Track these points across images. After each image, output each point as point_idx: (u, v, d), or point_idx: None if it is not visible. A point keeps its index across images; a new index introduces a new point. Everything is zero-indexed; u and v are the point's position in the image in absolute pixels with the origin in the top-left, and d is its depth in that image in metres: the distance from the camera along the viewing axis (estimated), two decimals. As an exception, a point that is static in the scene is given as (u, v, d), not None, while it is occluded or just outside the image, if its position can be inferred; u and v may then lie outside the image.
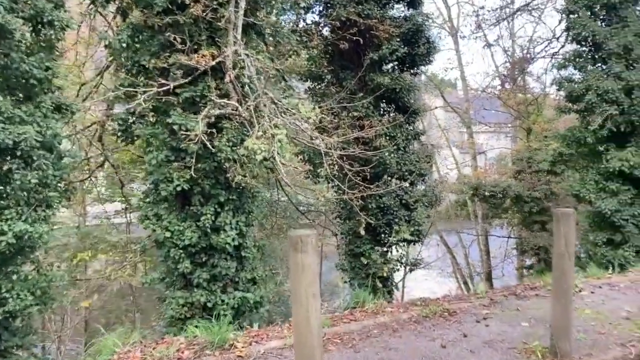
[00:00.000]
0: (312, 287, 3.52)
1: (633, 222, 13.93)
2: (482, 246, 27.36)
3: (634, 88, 13.68)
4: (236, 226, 9.58)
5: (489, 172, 28.53)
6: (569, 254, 4.80)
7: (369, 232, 11.89)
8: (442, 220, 29.98)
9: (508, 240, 28.26)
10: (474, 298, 6.31)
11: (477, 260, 28.09)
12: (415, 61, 12.34)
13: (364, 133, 10.37)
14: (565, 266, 4.81)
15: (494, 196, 24.57)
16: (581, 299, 6.46)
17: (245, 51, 8.18)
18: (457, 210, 30.20)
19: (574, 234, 4.83)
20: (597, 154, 14.62)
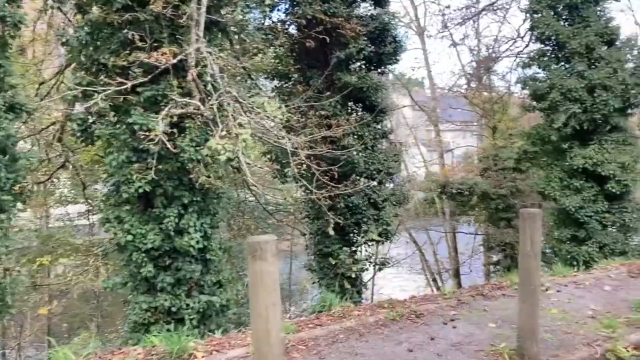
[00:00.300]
0: (272, 296, 3.34)
1: (596, 219, 14.15)
2: (450, 243, 27.55)
3: (596, 87, 13.90)
4: (201, 228, 9.32)
5: (456, 170, 28.76)
6: (535, 255, 4.73)
7: (337, 232, 11.75)
8: (410, 218, 30.06)
9: (475, 237, 28.54)
10: (441, 299, 6.23)
11: (446, 257, 28.28)
12: (382, 60, 12.26)
13: (332, 132, 10.23)
14: (532, 267, 4.74)
15: (461, 194, 24.79)
16: (548, 298, 6.43)
17: (207, 49, 7.93)
18: (426, 207, 30.33)
19: (540, 235, 4.76)
20: (561, 151, 14.82)
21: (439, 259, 28.65)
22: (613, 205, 14.31)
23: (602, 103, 13.77)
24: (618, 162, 13.84)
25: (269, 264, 3.31)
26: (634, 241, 14.84)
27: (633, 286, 6.96)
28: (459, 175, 27.83)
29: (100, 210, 9.82)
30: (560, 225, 15.16)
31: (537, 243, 4.72)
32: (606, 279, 7.19)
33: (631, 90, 13.96)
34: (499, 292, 6.52)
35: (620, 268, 7.68)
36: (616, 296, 6.56)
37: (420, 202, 30.11)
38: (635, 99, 14.22)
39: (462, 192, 24.67)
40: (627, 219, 14.14)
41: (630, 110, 14.78)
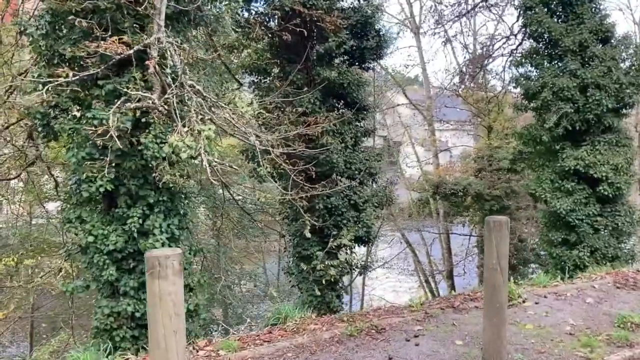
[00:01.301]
0: (174, 322, 2.82)
1: (588, 222, 13.60)
2: (443, 244, 27.04)
3: (589, 86, 13.34)
4: (167, 229, 8.81)
5: (450, 170, 28.23)
6: (502, 268, 4.20)
7: (316, 234, 11.24)
8: (404, 219, 29.61)
9: (470, 238, 28.04)
10: (407, 312, 5.70)
11: (439, 258, 27.79)
12: (365, 55, 11.69)
13: (309, 130, 9.70)
14: (497, 282, 4.22)
15: (455, 194, 24.29)
16: (524, 311, 5.91)
17: (169, 39, 7.41)
18: (419, 208, 29.84)
19: (507, 246, 4.24)
20: (553, 152, 14.27)
21: (433, 260, 28.16)
22: (605, 209, 13.75)
23: (595, 103, 13.21)
24: (611, 164, 13.29)
25: (170, 283, 2.79)
26: (627, 246, 14.29)
27: (617, 298, 6.44)
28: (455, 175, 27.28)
29: (62, 209, 9.33)
30: (551, 228, 14.61)
31: (503, 254, 4.19)
32: (589, 290, 6.66)
33: (626, 90, 13.39)
34: (471, 304, 6.00)
35: (606, 277, 7.15)
36: (598, 309, 6.03)
37: (414, 203, 29.62)
38: (630, 99, 13.65)
39: (456, 192, 24.16)
40: (619, 222, 13.58)
41: (625, 111, 14.21)
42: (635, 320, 5.50)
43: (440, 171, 27.34)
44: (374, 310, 5.82)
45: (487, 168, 24.33)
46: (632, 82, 13.42)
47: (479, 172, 24.76)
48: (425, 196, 27.86)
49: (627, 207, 13.94)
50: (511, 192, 24.27)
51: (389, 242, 29.93)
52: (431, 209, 28.32)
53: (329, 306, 11.50)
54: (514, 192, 24.18)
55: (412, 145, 29.69)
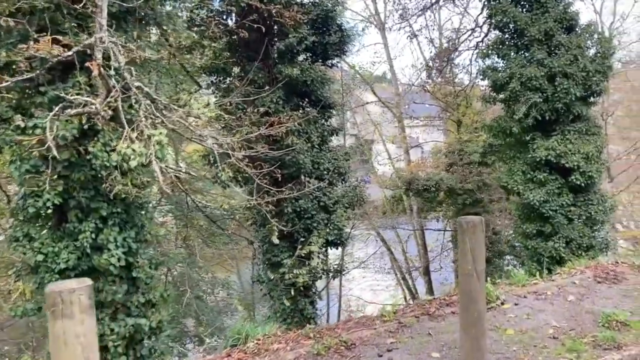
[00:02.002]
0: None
1: (561, 213, 13.38)
2: (419, 240, 26.78)
3: (557, 75, 13.11)
4: (123, 243, 8.19)
5: (422, 166, 28.01)
6: (478, 274, 3.76)
7: (285, 239, 10.72)
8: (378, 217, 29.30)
9: (444, 233, 27.86)
10: (379, 322, 5.23)
11: (415, 254, 27.53)
12: (328, 51, 11.20)
13: (272, 130, 9.17)
14: (474, 289, 3.77)
15: (428, 190, 24.01)
16: (503, 314, 5.50)
17: (112, 39, 6.81)
18: (393, 205, 29.56)
19: (483, 249, 3.79)
20: (524, 143, 14.02)
21: (409, 257, 27.89)
22: (578, 198, 13.55)
23: (563, 91, 12.98)
24: (582, 153, 13.08)
25: (77, 322, 2.25)
26: (601, 234, 14.12)
27: (599, 293, 6.08)
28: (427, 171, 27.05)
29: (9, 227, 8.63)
30: (525, 220, 14.37)
31: (480, 258, 3.74)
32: (570, 287, 6.29)
33: (592, 78, 13.20)
34: (447, 310, 5.55)
35: (586, 272, 6.80)
36: (581, 307, 5.66)
37: (387, 200, 29.34)
38: (597, 87, 13.46)
39: (429, 188, 23.85)
40: (592, 211, 13.39)
41: (593, 99, 14.03)
42: (620, 318, 5.14)
43: (412, 167, 27.09)
44: (343, 323, 5.34)
45: (459, 162, 24.12)
46: (599, 69, 13.25)
47: (450, 167, 24.56)
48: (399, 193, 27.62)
49: (600, 196, 13.77)
50: (483, 185, 24.10)
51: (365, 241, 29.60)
52: (405, 205, 28.07)
53: (302, 313, 11.01)
54: (486, 185, 24.02)
55: (382, 143, 29.38)
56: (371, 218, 27.53)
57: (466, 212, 23.69)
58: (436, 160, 29.55)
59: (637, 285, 6.26)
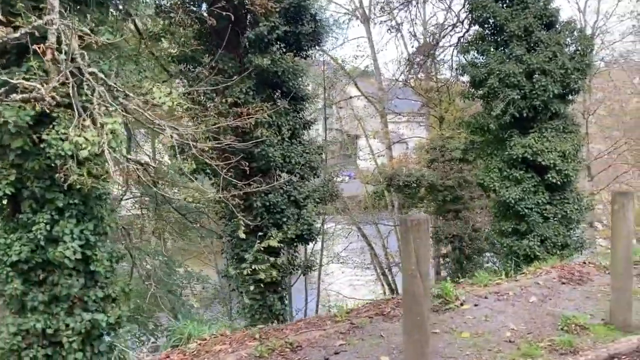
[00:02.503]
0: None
1: (537, 211, 13.23)
2: (399, 236, 26.57)
3: (535, 71, 12.93)
4: (80, 236, 7.89)
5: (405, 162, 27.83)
6: (422, 274, 3.51)
7: (254, 234, 10.42)
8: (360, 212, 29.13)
9: (426, 229, 27.66)
10: (330, 323, 4.98)
11: (395, 250, 27.35)
12: (301, 41, 10.88)
13: (239, 121, 8.87)
14: (417, 290, 3.53)
15: (409, 186, 23.81)
16: (461, 316, 5.27)
17: (64, 22, 6.46)
18: (375, 201, 29.36)
19: (427, 248, 3.55)
20: (501, 141, 13.85)
21: (389, 253, 27.72)
22: (554, 197, 13.41)
23: (541, 89, 12.81)
24: (559, 151, 12.93)
25: None
26: (576, 233, 14.01)
27: (563, 295, 5.88)
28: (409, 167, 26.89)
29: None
30: (501, 218, 14.22)
31: (424, 258, 3.50)
32: (533, 287, 6.08)
33: (571, 75, 13.03)
34: (403, 310, 5.31)
35: (551, 272, 6.60)
36: (542, 309, 5.45)
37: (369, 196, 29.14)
38: (575, 84, 13.30)
39: (410, 184, 23.65)
40: (568, 210, 13.26)
41: (571, 97, 13.87)
42: (580, 321, 4.93)
43: (395, 163, 26.91)
44: (293, 323, 5.08)
45: (440, 159, 23.94)
46: (577, 67, 13.09)
47: (431, 163, 24.38)
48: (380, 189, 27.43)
49: (576, 195, 13.65)
50: (464, 182, 23.96)
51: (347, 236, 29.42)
52: (387, 201, 27.88)
53: (270, 310, 10.75)
54: (467, 181, 23.88)
55: (365, 138, 29.16)
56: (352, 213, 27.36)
57: (447, 208, 23.64)
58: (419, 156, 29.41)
59: (601, 287, 6.07)
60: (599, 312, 5.37)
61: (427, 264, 3.53)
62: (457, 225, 23.32)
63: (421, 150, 31.14)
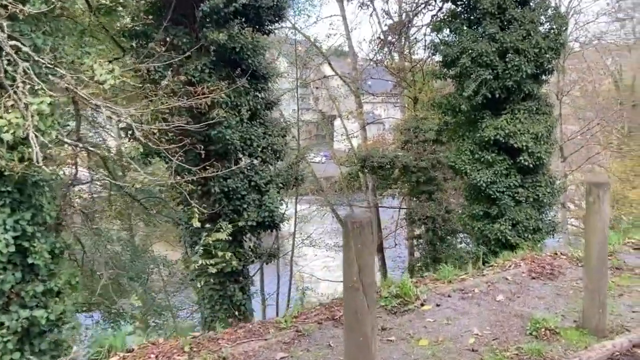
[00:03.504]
0: None
1: (509, 194, 12.79)
2: (373, 217, 26.17)
3: (508, 50, 12.36)
4: (15, 226, 7.12)
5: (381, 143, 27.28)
6: (366, 287, 2.91)
7: (213, 221, 9.76)
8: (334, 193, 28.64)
9: (399, 210, 27.36)
10: (274, 331, 4.38)
11: (369, 232, 26.96)
12: (261, 16, 10.10)
13: (192, 101, 8.14)
14: (361, 307, 2.93)
15: (382, 167, 23.32)
16: (421, 319, 4.72)
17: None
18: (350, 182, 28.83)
19: (372, 254, 2.95)
20: (473, 122, 13.33)
21: (364, 234, 27.31)
22: (526, 179, 12.97)
23: (514, 68, 12.25)
24: (531, 133, 12.44)
25: None
26: (548, 217, 13.62)
27: (532, 292, 5.37)
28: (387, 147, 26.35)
29: None
30: (472, 202, 13.78)
31: (367, 268, 2.89)
32: (501, 283, 5.56)
33: (545, 55, 12.50)
34: (358, 313, 4.73)
35: (521, 265, 6.09)
36: (510, 309, 4.93)
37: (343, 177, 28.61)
38: (549, 64, 12.79)
39: (383, 165, 23.13)
40: (540, 194, 12.84)
41: (544, 77, 13.37)
42: (551, 324, 4.42)
43: (369, 144, 26.35)
44: (233, 330, 4.45)
45: (414, 140, 23.41)
46: (551, 46, 12.55)
47: (405, 144, 23.86)
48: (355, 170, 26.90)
49: (548, 178, 13.23)
50: (438, 163, 23.48)
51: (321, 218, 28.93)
52: (361, 182, 27.38)
53: (231, 300, 10.14)
54: (441, 163, 23.39)
55: (340, 119, 28.49)
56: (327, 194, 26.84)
57: (420, 189, 23.19)
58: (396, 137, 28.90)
59: (573, 282, 5.58)
60: (571, 312, 4.88)
61: (372, 273, 2.94)
62: (431, 207, 22.91)
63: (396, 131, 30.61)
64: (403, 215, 26.87)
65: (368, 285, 2.90)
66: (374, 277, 2.94)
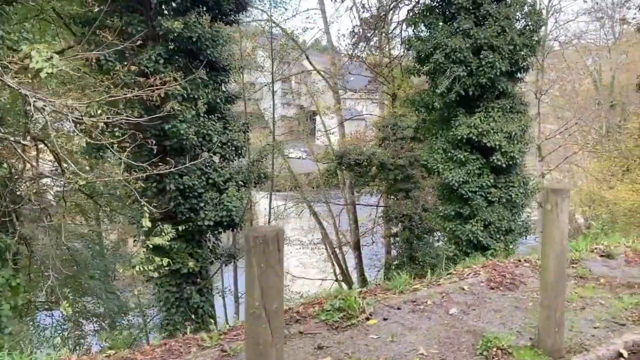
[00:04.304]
0: None
1: (481, 194, 12.44)
2: (350, 215, 25.81)
3: (483, 47, 11.98)
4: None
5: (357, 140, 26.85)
6: (270, 314, 2.44)
7: (169, 220, 9.23)
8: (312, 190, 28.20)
9: (377, 208, 27.01)
10: (195, 350, 3.90)
11: (347, 229, 26.62)
12: (222, 5, 9.58)
13: (143, 93, 7.60)
14: (264, 337, 2.46)
15: (359, 164, 22.92)
16: (364, 335, 4.28)
17: None
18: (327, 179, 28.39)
19: (279, 276, 2.49)
20: (446, 120, 12.95)
21: (341, 231, 26.96)
22: (499, 179, 12.63)
23: (488, 65, 11.88)
24: (505, 132, 12.10)
25: None
26: (521, 218, 13.30)
27: (489, 304, 4.96)
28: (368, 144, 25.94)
29: None
30: (445, 201, 13.41)
31: (273, 291, 2.42)
32: (456, 294, 5.14)
33: (520, 52, 12.16)
34: (294, 329, 4.29)
35: (480, 273, 5.68)
36: (462, 324, 4.51)
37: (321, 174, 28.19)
38: (524, 62, 12.45)
39: (360, 162, 22.72)
40: (513, 194, 12.50)
41: (519, 75, 13.03)
42: (503, 343, 4.01)
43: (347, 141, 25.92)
44: (151, 348, 3.98)
45: (391, 137, 23.02)
46: (526, 43, 12.20)
47: (382, 142, 23.47)
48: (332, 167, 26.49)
49: (522, 178, 12.89)
50: (415, 161, 23.09)
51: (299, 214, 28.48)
52: (338, 179, 26.96)
53: (188, 303, 9.64)
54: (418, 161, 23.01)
55: (319, 114, 28.01)
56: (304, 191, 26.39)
57: (397, 187, 22.83)
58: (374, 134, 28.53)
59: (534, 293, 5.18)
60: (528, 327, 4.48)
61: (279, 297, 2.48)
62: (408, 205, 22.57)
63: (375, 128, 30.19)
64: (380, 213, 26.55)
65: (273, 312, 2.44)
66: (281, 302, 2.49)
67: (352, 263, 26.01)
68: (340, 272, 25.90)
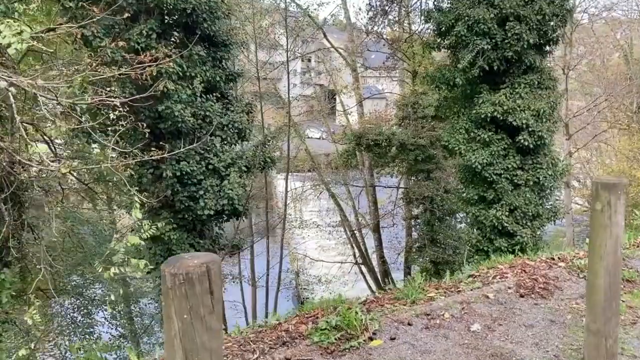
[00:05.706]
0: None
1: (506, 177, 11.44)
2: (369, 197, 24.94)
3: (508, 17, 10.88)
4: None
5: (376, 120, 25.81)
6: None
7: (168, 208, 8.52)
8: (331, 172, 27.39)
9: (397, 189, 26.08)
10: None
11: (366, 211, 25.80)
12: (219, -27, 8.71)
13: (130, 71, 6.84)
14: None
15: (378, 145, 21.93)
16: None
17: None
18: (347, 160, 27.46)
19: (213, 327, 1.66)
20: (469, 97, 11.92)
21: (359, 213, 26.14)
22: (526, 161, 11.61)
23: (515, 37, 10.79)
24: (532, 110, 11.04)
25: None
26: (549, 202, 12.25)
27: (519, 317, 4.09)
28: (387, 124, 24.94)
29: None
30: (467, 185, 12.44)
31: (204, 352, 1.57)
32: (480, 304, 4.28)
33: (549, 22, 11.01)
34: (278, 355, 3.48)
35: (508, 276, 4.79)
36: (487, 345, 3.66)
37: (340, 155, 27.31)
38: (554, 33, 11.30)
39: (379, 143, 21.73)
40: (541, 176, 11.47)
41: (548, 48, 11.88)
42: (538, 376, 3.15)
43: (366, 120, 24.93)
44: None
45: (412, 116, 21.95)
46: (556, 12, 11.04)
47: (402, 121, 22.42)
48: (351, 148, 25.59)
49: (550, 159, 11.83)
50: (437, 141, 21.98)
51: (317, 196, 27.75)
52: (358, 160, 26.03)
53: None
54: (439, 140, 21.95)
55: (337, 94, 27.01)
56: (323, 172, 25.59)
57: (418, 168, 21.85)
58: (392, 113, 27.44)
59: (572, 302, 4.29)
60: (567, 349, 3.61)
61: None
62: (429, 186, 21.58)
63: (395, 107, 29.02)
64: (400, 195, 25.59)
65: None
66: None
67: (371, 245, 25.24)
68: (360, 254, 25.16)
